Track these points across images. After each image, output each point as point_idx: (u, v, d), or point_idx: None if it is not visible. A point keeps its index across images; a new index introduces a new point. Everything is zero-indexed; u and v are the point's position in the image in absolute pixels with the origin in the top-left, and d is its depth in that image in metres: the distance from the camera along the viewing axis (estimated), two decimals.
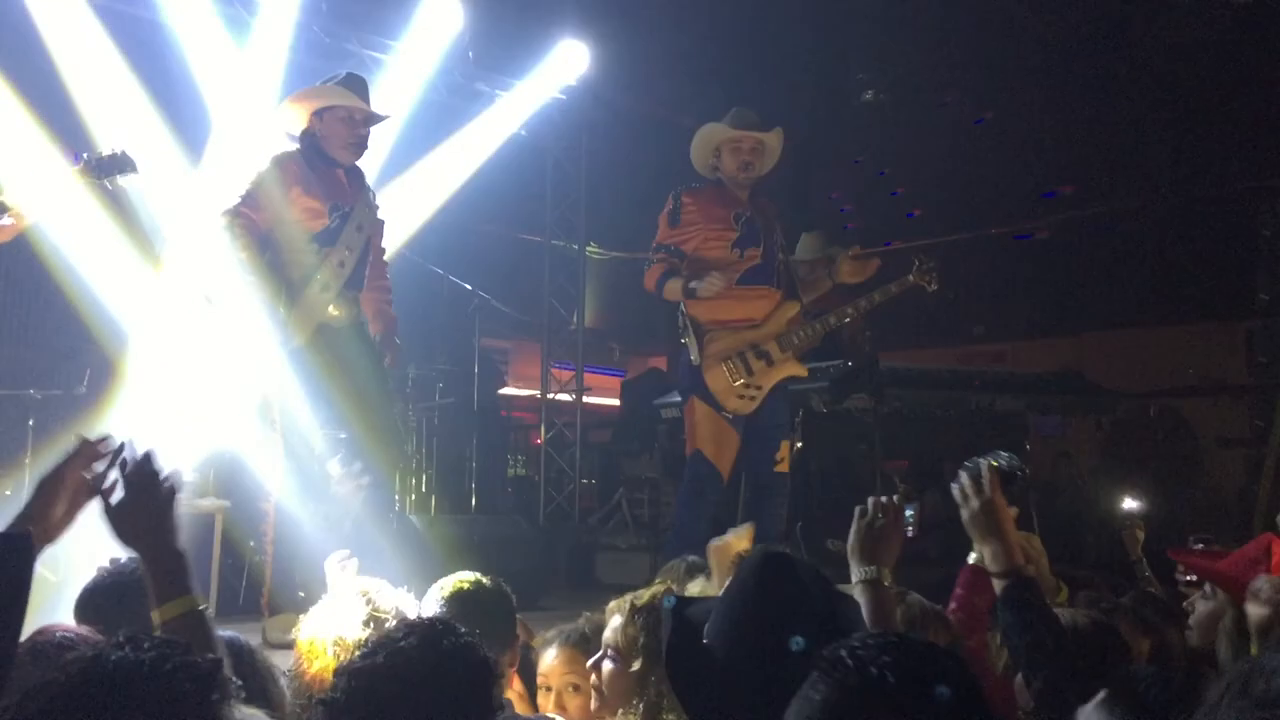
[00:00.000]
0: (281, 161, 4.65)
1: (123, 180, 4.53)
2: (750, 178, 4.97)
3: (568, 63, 7.53)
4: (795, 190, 5.84)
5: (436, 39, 6.95)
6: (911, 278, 4.87)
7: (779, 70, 7.03)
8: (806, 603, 1.66)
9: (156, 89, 6.11)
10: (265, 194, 4.59)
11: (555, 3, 4.57)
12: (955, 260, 6.00)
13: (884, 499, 2.26)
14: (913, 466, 6.97)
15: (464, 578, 2.64)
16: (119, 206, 5.42)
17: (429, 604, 2.59)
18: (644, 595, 2.29)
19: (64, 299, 5.51)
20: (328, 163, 4.70)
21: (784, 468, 4.94)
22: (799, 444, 5.33)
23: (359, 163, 4.83)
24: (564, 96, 7.82)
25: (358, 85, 4.76)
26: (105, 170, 4.46)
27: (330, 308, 4.60)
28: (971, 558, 2.72)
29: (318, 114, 4.68)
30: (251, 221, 4.55)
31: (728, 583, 1.86)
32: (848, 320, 4.95)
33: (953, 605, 2.79)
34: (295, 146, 4.72)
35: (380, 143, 6.81)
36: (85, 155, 4.49)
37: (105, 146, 4.55)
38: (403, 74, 6.96)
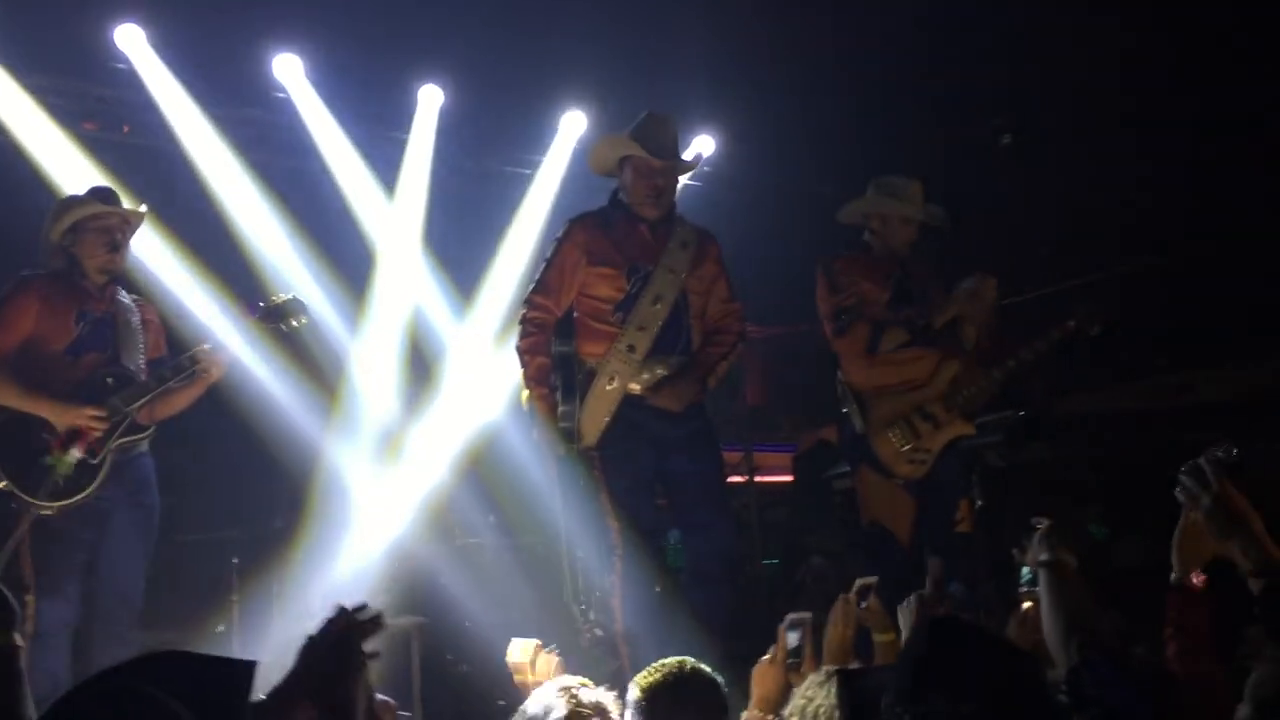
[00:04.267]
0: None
1: (295, 324, 4.82)
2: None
3: (702, 152, 7.64)
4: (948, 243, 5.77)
5: (569, 148, 7.14)
6: (1072, 324, 4.72)
7: (911, 124, 6.97)
8: (976, 667, 1.62)
9: (318, 233, 6.47)
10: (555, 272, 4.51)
11: (681, 99, 4.68)
12: (1121, 292, 5.78)
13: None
14: (1108, 512, 6.67)
15: (668, 664, 2.62)
16: (295, 349, 5.74)
17: (631, 691, 2.59)
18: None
19: (254, 442, 5.82)
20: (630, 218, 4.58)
21: (965, 528, 4.82)
22: (979, 502, 5.18)
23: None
24: (700, 184, 7.93)
25: (647, 129, 4.56)
26: (279, 316, 4.76)
27: (631, 383, 4.43)
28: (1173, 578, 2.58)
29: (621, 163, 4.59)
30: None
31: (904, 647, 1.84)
32: (1011, 373, 4.82)
33: (1168, 637, 2.64)
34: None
35: (530, 254, 7.09)
36: (261, 304, 4.81)
37: (277, 295, 4.87)
38: (546, 185, 7.17)
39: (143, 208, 4.76)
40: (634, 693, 2.58)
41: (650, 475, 4.52)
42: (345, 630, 2.05)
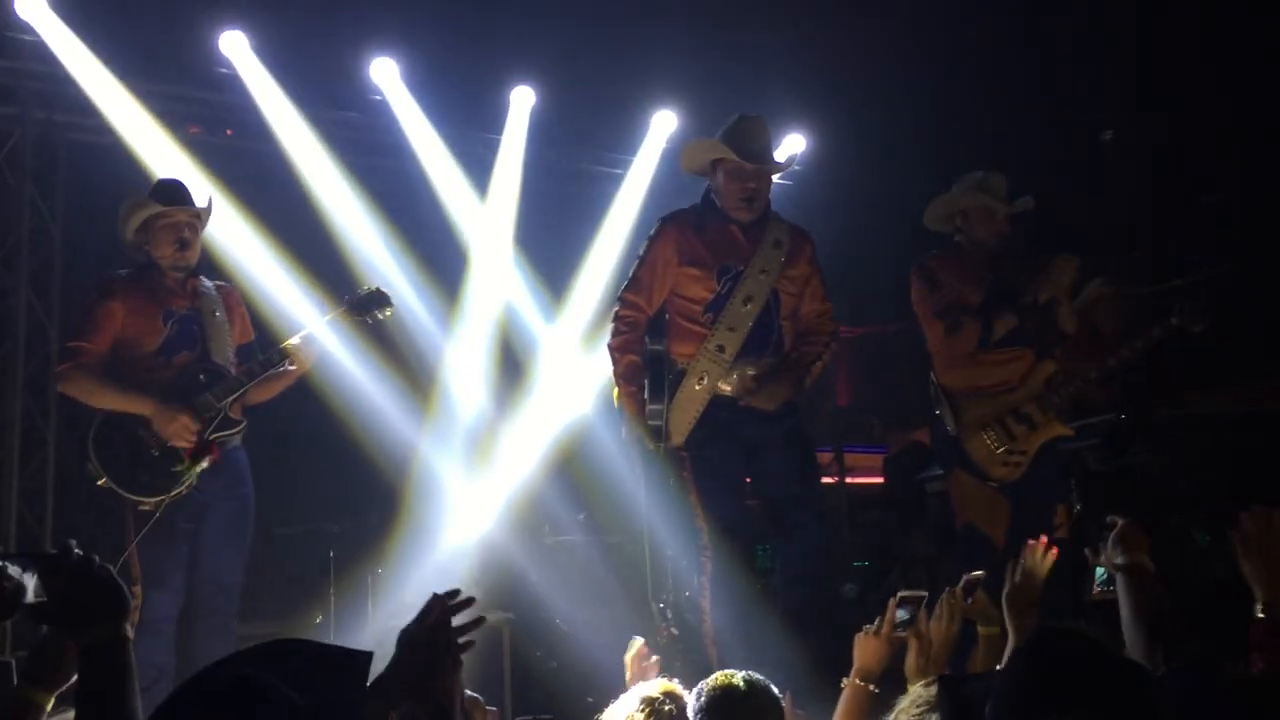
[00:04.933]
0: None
1: (381, 315, 4.89)
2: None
3: (796, 153, 7.59)
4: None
5: (659, 148, 7.15)
6: (1174, 320, 4.58)
7: (1012, 121, 6.84)
8: (1084, 679, 1.58)
9: (412, 233, 6.57)
10: (648, 270, 4.52)
11: (773, 98, 4.65)
12: (1226, 291, 5.59)
13: None
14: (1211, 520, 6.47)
15: (731, 676, 2.63)
16: (388, 346, 5.82)
17: (694, 698, 2.60)
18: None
19: (350, 437, 5.93)
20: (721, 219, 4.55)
21: (1063, 533, 4.72)
22: (1078, 507, 5.06)
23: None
24: (789, 182, 7.88)
25: (739, 132, 4.52)
26: (365, 308, 4.84)
27: (721, 383, 4.41)
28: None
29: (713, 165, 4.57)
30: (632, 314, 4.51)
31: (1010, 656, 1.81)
32: (1110, 372, 4.71)
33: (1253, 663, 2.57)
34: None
35: (620, 254, 7.12)
36: (347, 296, 4.89)
37: (364, 287, 4.95)
38: (637, 185, 7.19)
39: (207, 201, 4.82)
40: (696, 700, 2.58)
41: (740, 476, 4.50)
42: (440, 622, 2.07)
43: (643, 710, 2.58)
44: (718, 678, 2.61)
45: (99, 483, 4.42)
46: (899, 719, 2.34)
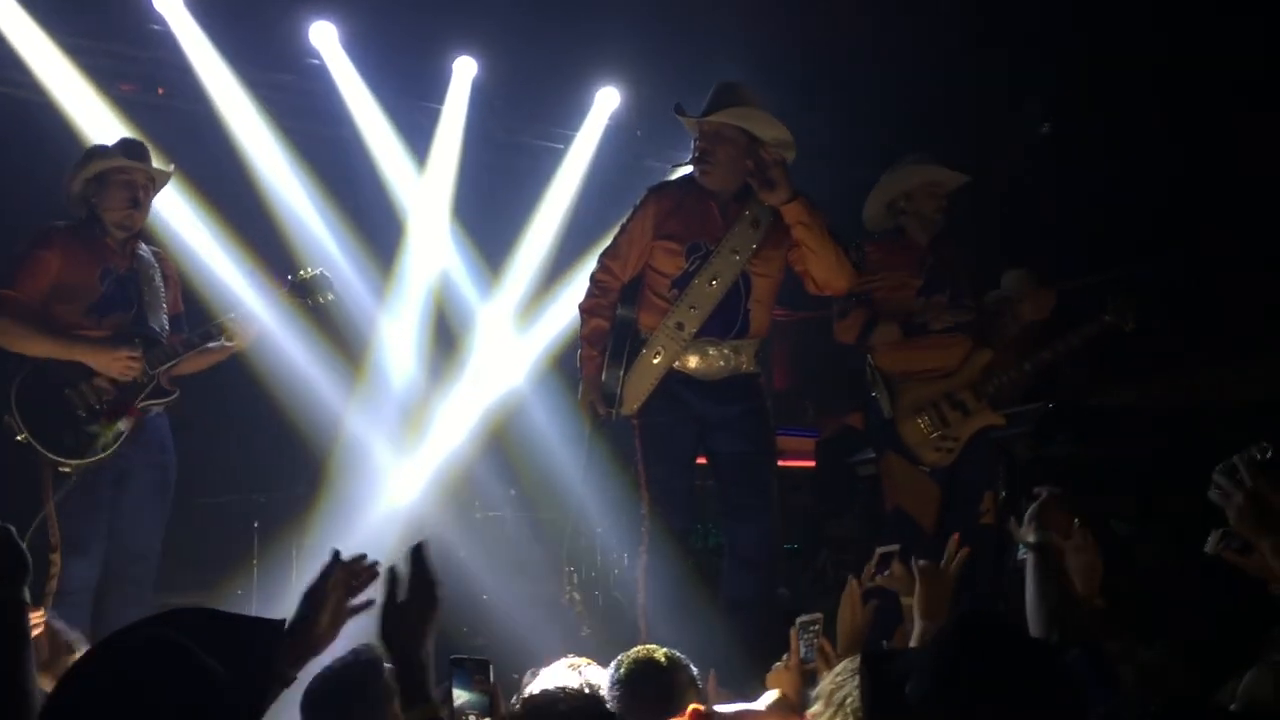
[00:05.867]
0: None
1: (323, 300, 4.83)
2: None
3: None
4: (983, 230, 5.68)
5: (602, 124, 7.10)
6: (1107, 318, 4.64)
7: (945, 110, 6.87)
8: (1010, 664, 1.59)
9: (348, 201, 6.47)
10: (626, 239, 4.46)
11: (720, 77, 4.58)
12: (1156, 286, 5.69)
13: None
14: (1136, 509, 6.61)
15: (652, 650, 2.63)
16: (322, 320, 5.74)
17: (610, 671, 2.59)
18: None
19: (278, 408, 5.83)
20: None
21: (989, 519, 4.77)
22: (1003, 494, 5.12)
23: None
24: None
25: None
26: (307, 292, 4.78)
27: (676, 361, 4.35)
28: None
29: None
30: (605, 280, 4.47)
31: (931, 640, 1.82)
32: (1045, 365, 4.75)
33: None
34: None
35: (559, 229, 7.07)
36: (290, 277, 4.81)
37: (307, 270, 4.87)
38: (578, 160, 7.14)
39: (169, 167, 4.74)
40: (614, 671, 2.58)
41: (690, 452, 4.47)
42: (340, 578, 2.07)
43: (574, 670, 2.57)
44: (638, 651, 2.61)
45: (18, 438, 4.28)
46: (824, 689, 2.35)
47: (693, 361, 4.36)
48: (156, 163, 4.69)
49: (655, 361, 4.35)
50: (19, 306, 4.37)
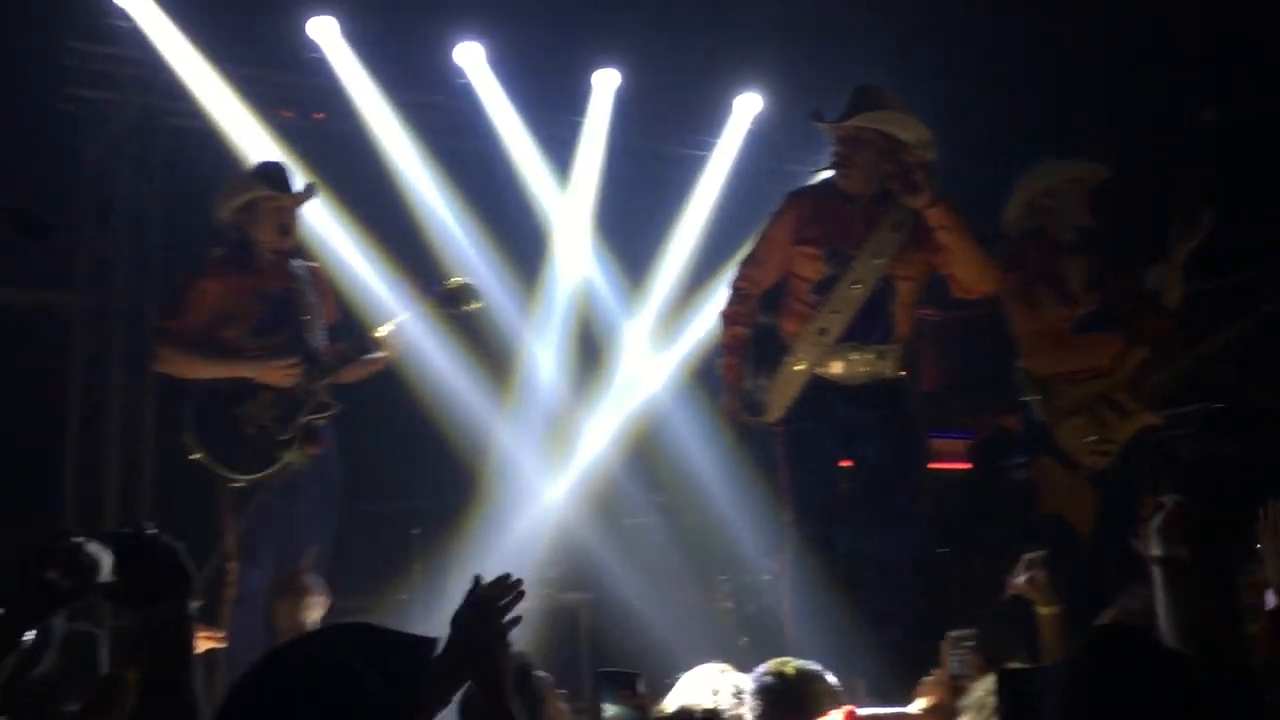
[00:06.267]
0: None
1: (470, 308, 4.95)
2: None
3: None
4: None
5: (743, 130, 7.11)
6: (1266, 308, 4.41)
7: (1104, 102, 6.64)
8: (1143, 681, 1.54)
9: (495, 215, 6.63)
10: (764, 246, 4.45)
11: (861, 80, 4.52)
12: None
13: None
14: None
15: (785, 663, 2.64)
16: (470, 331, 5.89)
17: (759, 677, 2.61)
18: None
19: (430, 417, 6.01)
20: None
21: None
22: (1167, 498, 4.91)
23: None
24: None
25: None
26: (455, 301, 4.90)
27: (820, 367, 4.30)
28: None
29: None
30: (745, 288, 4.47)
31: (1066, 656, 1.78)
32: (1202, 361, 4.56)
33: None
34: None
35: (702, 236, 7.09)
36: (437, 287, 4.95)
37: (454, 279, 5.00)
38: (720, 167, 7.16)
39: (310, 189, 4.88)
40: (754, 682, 2.59)
41: (833, 458, 4.43)
42: (486, 601, 2.10)
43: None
44: (772, 663, 2.63)
45: (194, 458, 4.54)
46: (974, 699, 2.33)
47: (836, 367, 4.31)
48: (298, 183, 4.87)
49: (798, 368, 4.31)
50: (182, 335, 4.64)
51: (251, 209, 4.72)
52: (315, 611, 4.32)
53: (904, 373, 4.47)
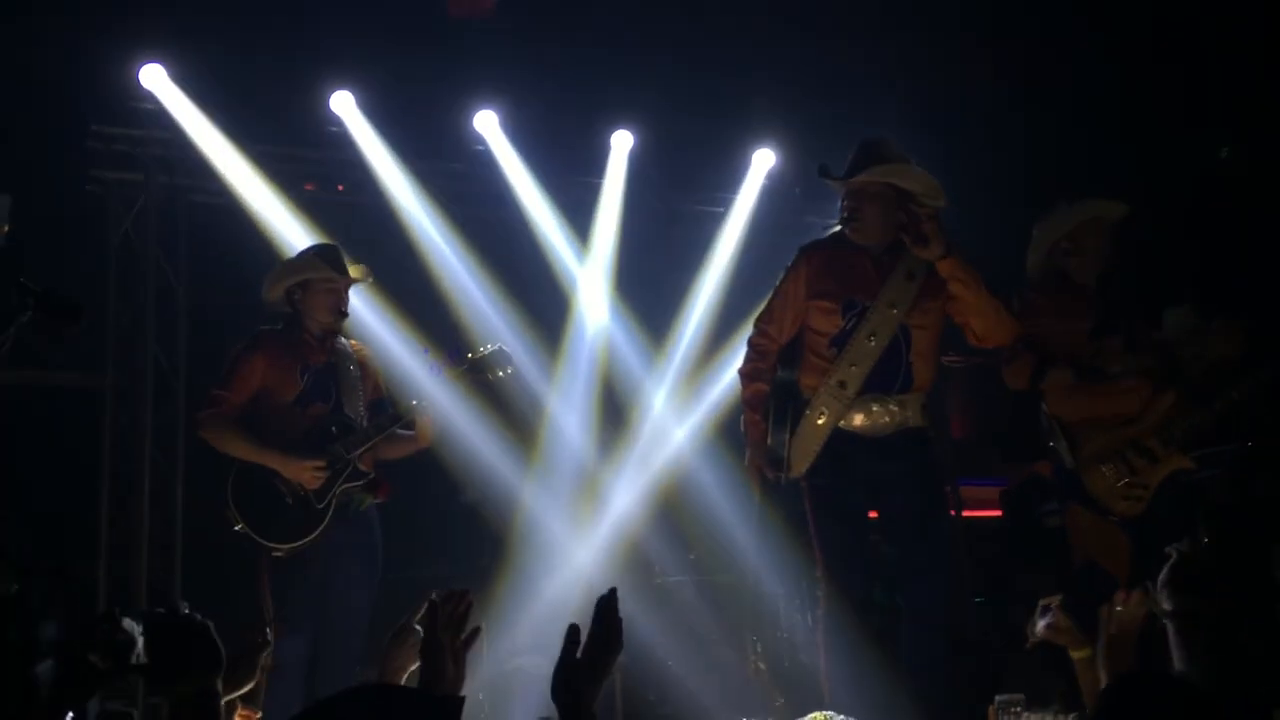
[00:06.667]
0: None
1: (501, 374, 4.98)
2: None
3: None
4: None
5: (759, 185, 7.16)
6: None
7: (1119, 139, 6.66)
8: None
9: (514, 279, 6.69)
10: (780, 301, 4.45)
11: (874, 133, 4.55)
12: None
13: None
14: None
15: (823, 717, 2.62)
16: (496, 396, 5.92)
17: None
18: None
19: (459, 482, 6.02)
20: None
21: None
22: (1205, 540, 4.85)
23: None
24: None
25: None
26: (485, 368, 4.94)
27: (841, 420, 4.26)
28: None
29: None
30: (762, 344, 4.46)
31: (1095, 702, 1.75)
32: (1234, 405, 4.51)
33: None
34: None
35: (722, 292, 7.11)
36: (469, 355, 4.98)
37: (484, 346, 5.04)
38: (737, 223, 7.20)
39: (367, 272, 5.01)
40: None
41: (861, 511, 4.39)
42: (443, 620, 2.18)
43: None
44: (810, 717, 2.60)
45: (236, 529, 4.59)
46: None
47: (858, 419, 4.29)
48: (352, 269, 4.96)
49: (820, 422, 4.29)
50: (228, 408, 4.73)
51: (307, 286, 4.82)
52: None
53: (928, 422, 4.43)
